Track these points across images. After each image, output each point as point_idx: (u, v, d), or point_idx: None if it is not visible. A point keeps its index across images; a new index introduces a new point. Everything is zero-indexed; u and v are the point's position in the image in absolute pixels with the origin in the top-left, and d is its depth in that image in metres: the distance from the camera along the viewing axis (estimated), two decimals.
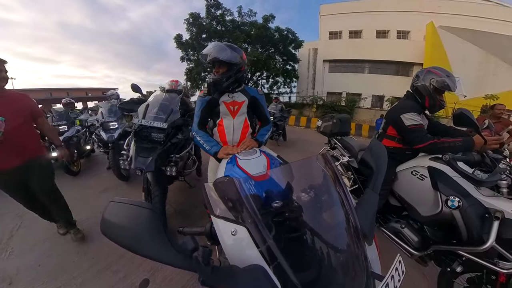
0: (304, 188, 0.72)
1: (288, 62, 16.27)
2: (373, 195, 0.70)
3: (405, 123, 1.52)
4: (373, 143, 0.92)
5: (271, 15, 14.65)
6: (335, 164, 0.75)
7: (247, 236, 0.55)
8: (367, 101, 16.12)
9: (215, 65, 1.34)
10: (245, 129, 1.51)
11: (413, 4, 16.52)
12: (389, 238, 1.60)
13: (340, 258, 0.60)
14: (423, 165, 1.46)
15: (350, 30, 18.21)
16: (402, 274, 0.53)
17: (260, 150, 1.13)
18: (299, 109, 16.11)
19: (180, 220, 2.32)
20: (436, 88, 1.49)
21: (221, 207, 0.63)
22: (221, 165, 1.14)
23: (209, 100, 1.43)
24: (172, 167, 1.93)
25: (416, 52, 15.63)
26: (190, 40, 15.49)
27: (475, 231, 1.13)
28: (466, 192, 1.21)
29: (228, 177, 0.65)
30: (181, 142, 2.10)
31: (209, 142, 1.35)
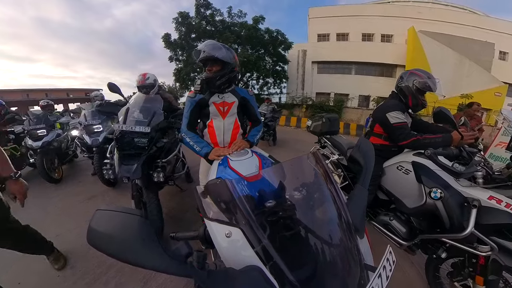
0: (297, 187, 0.73)
1: (278, 63, 16.45)
2: (363, 191, 0.73)
3: (391, 121, 1.61)
4: (361, 141, 0.95)
5: (261, 16, 14.69)
6: (326, 162, 0.78)
7: (242, 237, 0.55)
8: (354, 101, 16.82)
9: (207, 64, 1.31)
10: (236, 129, 1.50)
11: (396, 10, 17.71)
12: (379, 230, 1.68)
13: (334, 252, 0.62)
14: (407, 160, 1.55)
15: (338, 33, 18.78)
16: (393, 264, 0.55)
17: (252, 151, 1.13)
18: (289, 110, 16.35)
19: (172, 225, 2.24)
20: (418, 88, 1.60)
21: (214, 209, 0.62)
22: (213, 167, 1.12)
23: (199, 101, 1.40)
24: (159, 172, 1.82)
25: (399, 54, 16.55)
26: (178, 40, 15.16)
27: (456, 219, 1.22)
28: (447, 184, 1.31)
29: (220, 178, 0.64)
30: (167, 146, 2.00)
31: (199, 143, 1.31)
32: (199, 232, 0.69)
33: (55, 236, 1.97)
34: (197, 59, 1.29)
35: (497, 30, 16.83)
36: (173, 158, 2.19)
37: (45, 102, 4.22)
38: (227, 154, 1.11)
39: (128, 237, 0.40)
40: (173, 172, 2.37)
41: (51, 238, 1.77)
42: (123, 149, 1.74)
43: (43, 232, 1.62)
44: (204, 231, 0.66)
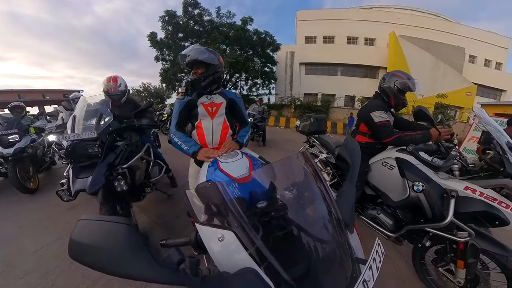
0: (287, 186, 0.74)
1: (266, 64, 16.58)
2: (351, 187, 0.75)
3: (375, 120, 1.69)
4: (347, 140, 0.98)
5: (249, 18, 14.67)
6: (315, 161, 0.80)
7: (235, 240, 0.54)
8: (340, 101, 17.57)
9: (193, 67, 1.34)
10: (225, 130, 1.49)
11: (378, 15, 18.88)
12: (367, 224, 1.75)
13: (327, 248, 0.63)
14: (391, 157, 1.63)
15: (324, 36, 19.38)
16: (382, 255, 0.57)
17: (242, 152, 1.11)
18: (278, 110, 16.54)
19: (162, 232, 2.14)
20: (399, 89, 1.70)
21: (206, 213, 0.61)
22: (202, 169, 1.10)
23: (188, 102, 1.41)
24: (121, 180, 1.60)
25: (381, 57, 17.55)
26: (165, 39, 14.77)
27: (437, 210, 1.31)
28: (427, 177, 1.40)
29: (211, 181, 0.63)
30: (126, 149, 1.78)
31: (187, 143, 1.31)
32: (191, 237, 0.66)
33: (33, 253, 1.81)
34: (183, 63, 1.32)
35: (467, 36, 18.54)
36: (140, 162, 1.99)
37: (14, 103, 3.70)
38: (216, 156, 1.09)
39: (114, 248, 0.37)
40: (148, 178, 2.19)
41: (27, 255, 1.63)
42: (77, 161, 1.59)
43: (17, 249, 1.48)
44: (196, 236, 0.64)
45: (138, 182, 2.02)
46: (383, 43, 17.82)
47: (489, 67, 19.62)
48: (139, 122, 1.93)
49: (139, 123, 1.93)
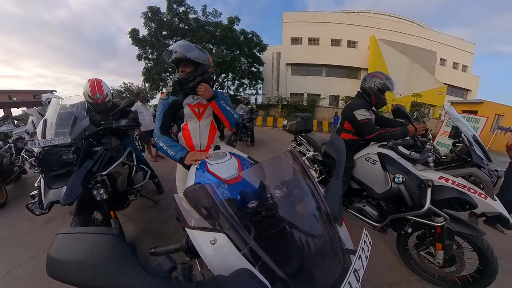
0: (277, 185, 0.74)
1: (253, 65, 16.53)
2: (338, 182, 0.77)
3: (358, 118, 1.79)
4: (333, 137, 1.02)
5: (236, 17, 14.45)
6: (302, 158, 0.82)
7: (228, 242, 0.53)
8: (325, 101, 18.07)
9: (180, 64, 1.25)
10: (213, 131, 1.44)
11: (359, 19, 19.77)
12: (355, 216, 1.85)
13: (318, 242, 0.64)
14: (374, 152, 1.75)
15: (309, 37, 19.90)
16: (370, 245, 0.60)
17: (230, 153, 1.10)
18: (265, 110, 16.66)
19: (151, 240, 2.02)
20: (379, 89, 1.82)
21: (196, 217, 0.59)
22: (190, 172, 1.06)
23: (172, 102, 1.32)
24: (100, 189, 1.47)
25: (362, 59, 18.49)
26: (148, 37, 14.08)
27: (416, 198, 1.44)
28: (406, 170, 1.52)
29: (200, 184, 0.62)
30: (106, 155, 1.65)
31: (173, 148, 1.23)
32: (182, 243, 0.64)
33: (4, 275, 1.60)
34: (168, 60, 1.24)
35: (438, 41, 20.32)
36: (122, 168, 1.84)
37: None
38: (204, 158, 1.06)
39: (99, 261, 0.35)
40: (132, 184, 2.04)
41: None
42: (50, 170, 1.42)
43: None
44: (187, 241, 0.62)
45: (121, 190, 1.88)
46: (364, 45, 18.79)
47: (457, 69, 21.69)
48: (117, 123, 1.78)
49: (117, 124, 1.78)
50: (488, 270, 1.33)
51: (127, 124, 1.79)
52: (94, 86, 1.94)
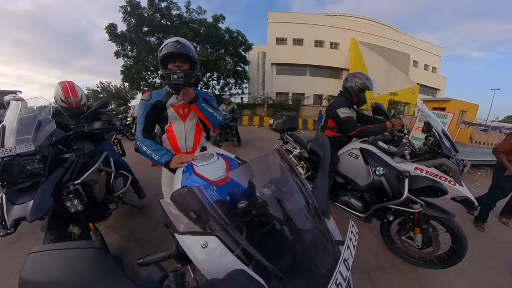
0: (266, 183, 0.74)
1: (238, 64, 16.41)
2: (324, 178, 0.79)
3: (340, 116, 1.88)
4: (318, 135, 1.05)
5: (221, 15, 14.15)
6: (289, 156, 0.83)
7: (219, 245, 0.52)
8: (309, 100, 18.62)
9: (175, 60, 1.17)
10: (198, 133, 1.40)
11: (341, 22, 20.72)
12: (341, 209, 1.94)
13: (308, 236, 0.66)
14: (356, 147, 1.84)
15: (294, 38, 20.30)
16: (357, 234, 0.61)
17: (217, 154, 1.08)
18: (251, 109, 16.68)
19: (138, 250, 1.89)
20: (360, 88, 1.92)
21: (185, 221, 0.57)
22: (177, 175, 1.01)
23: (155, 104, 1.25)
24: (73, 199, 1.33)
25: (344, 60, 19.35)
26: (127, 32, 13.23)
27: (396, 189, 1.56)
28: (386, 163, 1.64)
29: (187, 187, 0.59)
30: (78, 162, 1.49)
31: (157, 151, 1.16)
32: (171, 250, 0.62)
33: None
34: (165, 51, 1.13)
35: (411, 45, 22.10)
36: (98, 175, 1.68)
37: None
38: (190, 160, 1.03)
39: (82, 278, 0.31)
40: (112, 192, 1.88)
41: None
42: (13, 183, 1.25)
43: None
44: (177, 247, 0.60)
45: (99, 199, 1.71)
46: (345, 47, 19.66)
47: (428, 71, 23.81)
48: (90, 126, 1.62)
49: (90, 128, 1.61)
50: (460, 248, 1.50)
51: (101, 127, 1.64)
52: (66, 89, 1.77)
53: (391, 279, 1.61)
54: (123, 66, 14.19)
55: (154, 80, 15.02)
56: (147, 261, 0.62)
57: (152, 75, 14.78)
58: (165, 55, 1.14)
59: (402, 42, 21.61)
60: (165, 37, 13.86)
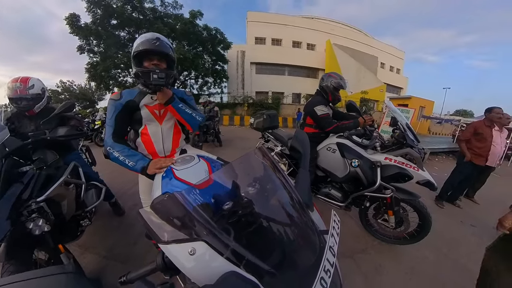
0: (250, 182, 0.74)
1: (217, 62, 15.95)
2: (305, 173, 0.82)
3: (318, 114, 1.99)
4: (297, 132, 1.08)
5: (198, 12, 13.43)
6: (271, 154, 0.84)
7: (208, 249, 0.51)
8: (288, 98, 19.16)
9: (147, 58, 1.07)
10: (177, 135, 1.30)
11: (317, 24, 21.60)
12: (323, 200, 2.06)
13: (295, 230, 0.67)
14: (333, 142, 1.97)
15: (273, 38, 20.60)
16: (339, 223, 0.64)
17: (198, 156, 1.04)
18: (231, 109, 16.53)
19: (119, 268, 1.71)
20: (335, 87, 2.05)
21: (169, 229, 0.54)
22: (156, 182, 0.94)
23: (126, 104, 1.12)
24: (37, 220, 1.14)
25: (320, 60, 20.31)
26: (92, 25, 11.70)
27: (370, 178, 1.72)
28: (360, 155, 1.79)
29: (168, 193, 0.57)
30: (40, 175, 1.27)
31: (132, 157, 1.04)
32: (157, 262, 0.59)
33: None
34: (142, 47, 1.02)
35: (379, 48, 24.23)
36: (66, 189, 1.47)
37: None
38: (170, 164, 0.96)
39: None
40: (83, 207, 1.66)
41: None
42: None
43: None
44: (163, 258, 0.58)
45: (69, 216, 1.49)
46: (321, 48, 20.65)
47: (393, 72, 26.38)
48: (53, 133, 1.41)
49: (53, 135, 1.41)
50: (426, 224, 1.71)
51: (67, 133, 1.43)
52: (17, 78, 1.53)
53: (372, 259, 1.76)
54: (89, 63, 12.70)
55: (125, 79, 13.84)
56: (131, 278, 0.58)
57: (123, 73, 13.58)
58: (141, 52, 1.03)
59: (371, 45, 23.53)
60: (137, 32, 12.78)
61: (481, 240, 2.16)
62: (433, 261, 1.80)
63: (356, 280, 1.55)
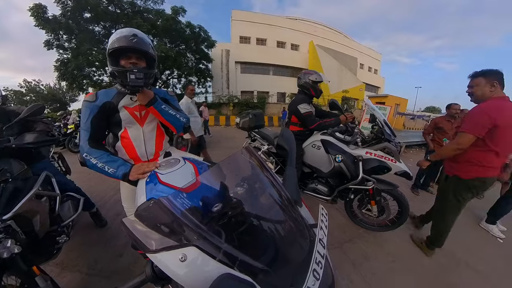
0: (238, 183, 0.74)
1: (201, 61, 15.52)
2: (292, 170, 0.83)
3: (301, 112, 2.05)
4: (283, 131, 1.09)
5: (181, 8, 12.88)
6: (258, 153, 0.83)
7: (199, 254, 0.49)
8: (273, 97, 19.46)
9: (123, 56, 0.99)
10: (160, 137, 1.23)
11: (301, 26, 22.02)
12: (310, 195, 2.15)
13: (285, 226, 0.69)
14: (318, 139, 2.05)
15: (257, 38, 20.61)
16: (326, 216, 0.67)
17: (184, 158, 1.00)
18: (217, 109, 16.28)
19: (104, 284, 1.57)
20: (313, 81, 2.13)
21: (156, 237, 0.52)
22: (139, 188, 0.89)
23: (103, 105, 1.03)
24: (5, 241, 1.01)
25: (304, 60, 20.88)
26: (62, 18, 10.52)
27: (353, 171, 1.83)
28: (343, 150, 1.90)
29: (153, 199, 0.56)
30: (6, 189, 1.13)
31: (111, 163, 0.97)
32: (146, 272, 0.56)
33: None
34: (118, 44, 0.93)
35: (358, 50, 25.57)
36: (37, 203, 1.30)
37: None
38: (154, 169, 0.91)
39: None
40: (59, 221, 1.49)
41: None
42: None
43: None
44: (152, 268, 0.55)
45: (43, 233, 1.31)
46: (304, 49, 21.21)
47: (371, 72, 28.03)
48: (19, 140, 1.25)
49: (19, 142, 1.25)
50: (404, 210, 1.85)
51: (36, 140, 1.27)
52: None
53: (359, 247, 1.87)
54: (58, 60, 11.47)
55: (101, 78, 12.87)
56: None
57: (99, 71, 12.55)
58: (117, 49, 0.94)
59: (351, 47, 24.71)
60: (113, 27, 11.91)
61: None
62: (411, 242, 2.00)
63: (346, 268, 1.63)
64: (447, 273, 1.64)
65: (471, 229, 2.32)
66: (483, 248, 1.99)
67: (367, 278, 1.54)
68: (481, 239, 2.15)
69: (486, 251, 1.94)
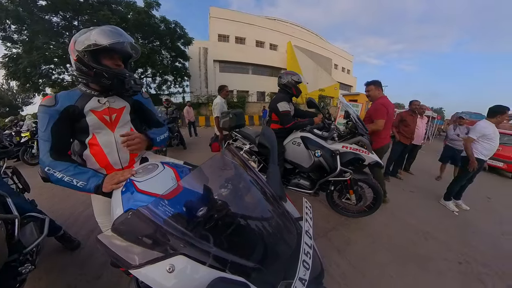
0: (222, 184, 0.73)
1: (177, 59, 14.68)
2: (275, 167, 0.84)
3: (280, 110, 2.14)
4: (264, 129, 1.12)
5: (155, 1, 11.91)
6: (240, 153, 0.82)
7: (188, 262, 0.47)
8: (253, 97, 19.55)
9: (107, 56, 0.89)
10: None
11: (279, 26, 22.36)
12: (294, 190, 2.24)
13: (272, 222, 0.70)
14: (297, 136, 2.14)
15: (236, 36, 20.38)
16: (310, 208, 0.69)
17: (162, 162, 0.92)
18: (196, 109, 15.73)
19: None
20: (295, 81, 2.23)
21: (138, 251, 0.48)
22: (114, 200, 0.79)
23: (65, 110, 0.89)
24: None
25: (282, 60, 21.35)
26: (10, 4, 8.90)
27: (331, 165, 1.97)
28: (322, 146, 2.01)
29: (131, 210, 0.52)
30: None
31: (80, 175, 0.84)
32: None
33: None
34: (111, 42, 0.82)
35: (332, 51, 27.01)
36: None
37: None
38: (129, 177, 0.81)
39: None
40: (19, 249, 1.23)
41: None
42: None
43: None
44: (137, 284, 0.52)
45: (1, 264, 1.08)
46: (283, 49, 21.69)
47: (344, 72, 29.91)
48: None
49: None
50: (379, 197, 2.04)
51: None
52: None
53: (342, 234, 2.02)
54: (6, 55, 9.71)
55: (61, 77, 11.37)
56: None
57: (58, 69, 10.98)
58: (101, 49, 0.83)
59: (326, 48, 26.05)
60: (74, 17, 10.51)
61: (419, 201, 2.84)
62: (386, 222, 2.26)
63: (332, 254, 1.75)
64: (417, 246, 1.92)
65: (433, 206, 2.74)
66: (443, 220, 2.38)
67: (352, 261, 1.67)
68: (440, 214, 2.55)
69: (444, 223, 2.32)
